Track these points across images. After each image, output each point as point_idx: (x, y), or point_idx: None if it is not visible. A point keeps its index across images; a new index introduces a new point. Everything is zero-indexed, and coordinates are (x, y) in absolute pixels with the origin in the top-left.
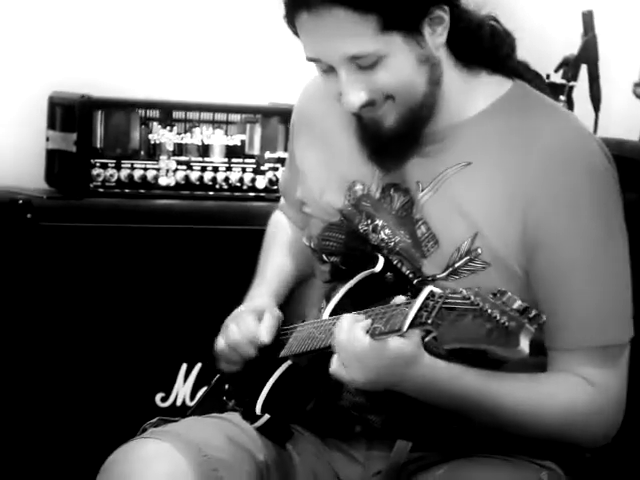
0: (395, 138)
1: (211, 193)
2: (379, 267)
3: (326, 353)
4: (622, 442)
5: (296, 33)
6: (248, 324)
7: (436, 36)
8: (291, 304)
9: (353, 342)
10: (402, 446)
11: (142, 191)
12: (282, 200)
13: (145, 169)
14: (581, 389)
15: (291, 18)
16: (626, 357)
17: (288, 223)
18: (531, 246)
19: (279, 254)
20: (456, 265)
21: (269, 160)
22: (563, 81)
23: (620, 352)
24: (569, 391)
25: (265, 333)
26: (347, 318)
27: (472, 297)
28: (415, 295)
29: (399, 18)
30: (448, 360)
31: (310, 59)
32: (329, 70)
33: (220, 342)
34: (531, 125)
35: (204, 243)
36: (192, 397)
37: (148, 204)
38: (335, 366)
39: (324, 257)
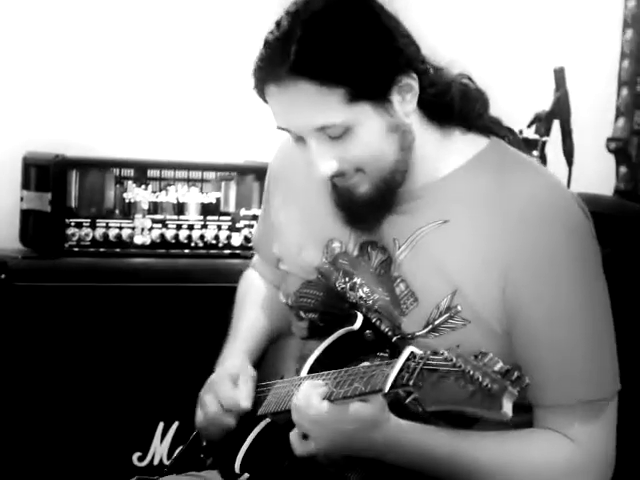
0: (368, 204)
1: (187, 251)
2: (358, 324)
3: None
4: None
5: (266, 102)
6: (225, 393)
7: (406, 103)
8: (267, 360)
9: (309, 408)
10: None
11: (117, 250)
12: (255, 257)
13: (120, 228)
14: (560, 446)
15: (260, 89)
16: (613, 412)
17: (261, 280)
18: (510, 306)
19: (252, 310)
20: (436, 322)
21: (244, 217)
22: (536, 136)
23: (605, 407)
24: (545, 449)
25: (244, 399)
26: (305, 385)
27: (454, 359)
28: (394, 354)
29: (367, 89)
30: (428, 421)
31: (280, 128)
32: (300, 139)
33: (199, 417)
34: (508, 184)
35: (180, 301)
36: (169, 456)
37: (123, 263)
38: (295, 440)
39: (301, 314)
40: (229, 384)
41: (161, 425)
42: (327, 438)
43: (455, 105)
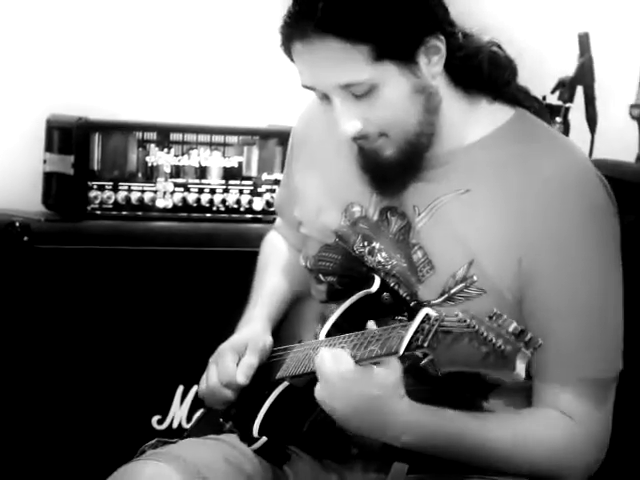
0: (395, 167)
1: (208, 215)
2: (375, 287)
3: None
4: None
5: (292, 60)
6: (226, 366)
7: (432, 65)
8: (286, 324)
9: (340, 364)
10: (399, 469)
11: (139, 213)
12: (278, 220)
13: (142, 191)
14: (561, 423)
15: (287, 47)
16: (612, 393)
17: (284, 243)
18: (526, 278)
19: (274, 274)
20: (451, 291)
21: (266, 182)
22: (559, 103)
23: (607, 386)
24: (549, 427)
25: (241, 375)
26: (326, 350)
27: (468, 320)
28: (411, 317)
29: (393, 47)
30: (443, 386)
31: (305, 86)
32: (325, 97)
33: (202, 385)
34: (531, 156)
35: (201, 265)
36: (189, 419)
37: (145, 226)
38: (318, 392)
39: (320, 277)
40: (230, 357)
41: (180, 388)
42: (350, 400)
43: (483, 71)
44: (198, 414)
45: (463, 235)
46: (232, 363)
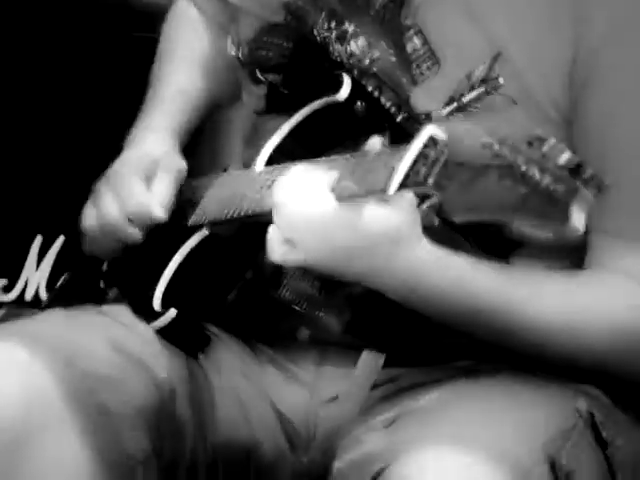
0: None
1: None
2: (344, 93)
3: (261, 221)
4: None
5: None
6: (133, 192)
7: None
8: (202, 145)
9: (309, 203)
10: (370, 360)
11: None
12: None
13: None
14: (627, 291)
15: None
16: None
17: (199, 18)
18: (581, 82)
19: (183, 68)
20: (464, 98)
21: None
22: None
23: None
24: (612, 295)
25: (158, 205)
26: (299, 167)
27: (496, 146)
28: (397, 139)
29: None
30: (446, 237)
31: None
32: None
33: (89, 217)
34: None
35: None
36: (50, 288)
37: None
38: (274, 239)
39: (258, 74)
40: (136, 179)
41: (38, 240)
42: (326, 249)
43: None
44: (65, 276)
45: (486, 14)
46: (140, 187)
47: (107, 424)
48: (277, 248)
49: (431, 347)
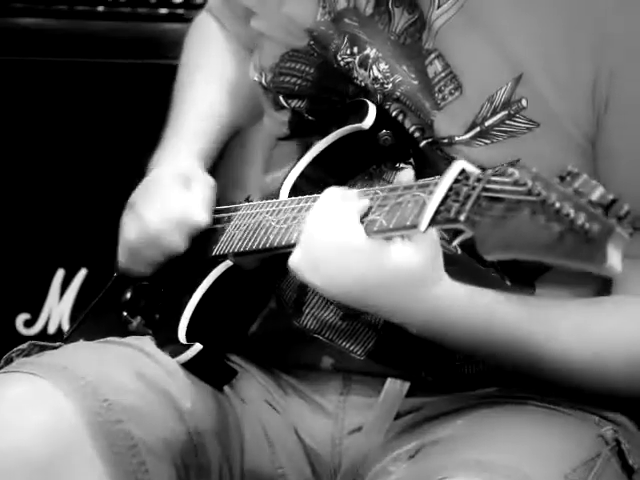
0: None
1: (101, 9)
2: (369, 121)
3: (287, 253)
4: None
5: None
6: (173, 198)
7: None
8: (224, 172)
9: (338, 233)
10: (394, 388)
11: None
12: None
13: None
14: None
15: None
16: None
17: (221, 35)
18: (603, 101)
19: (208, 88)
20: (487, 123)
21: None
22: None
23: None
24: (633, 323)
25: (200, 210)
26: (332, 194)
27: (529, 182)
28: (419, 165)
29: None
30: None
31: None
32: None
33: (129, 229)
34: None
35: (96, 81)
36: (73, 320)
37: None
38: (296, 259)
39: (281, 100)
40: (177, 187)
41: (60, 273)
42: (346, 279)
43: None
44: (88, 308)
45: (507, 37)
46: (181, 193)
47: (132, 454)
48: (299, 263)
49: (455, 375)
